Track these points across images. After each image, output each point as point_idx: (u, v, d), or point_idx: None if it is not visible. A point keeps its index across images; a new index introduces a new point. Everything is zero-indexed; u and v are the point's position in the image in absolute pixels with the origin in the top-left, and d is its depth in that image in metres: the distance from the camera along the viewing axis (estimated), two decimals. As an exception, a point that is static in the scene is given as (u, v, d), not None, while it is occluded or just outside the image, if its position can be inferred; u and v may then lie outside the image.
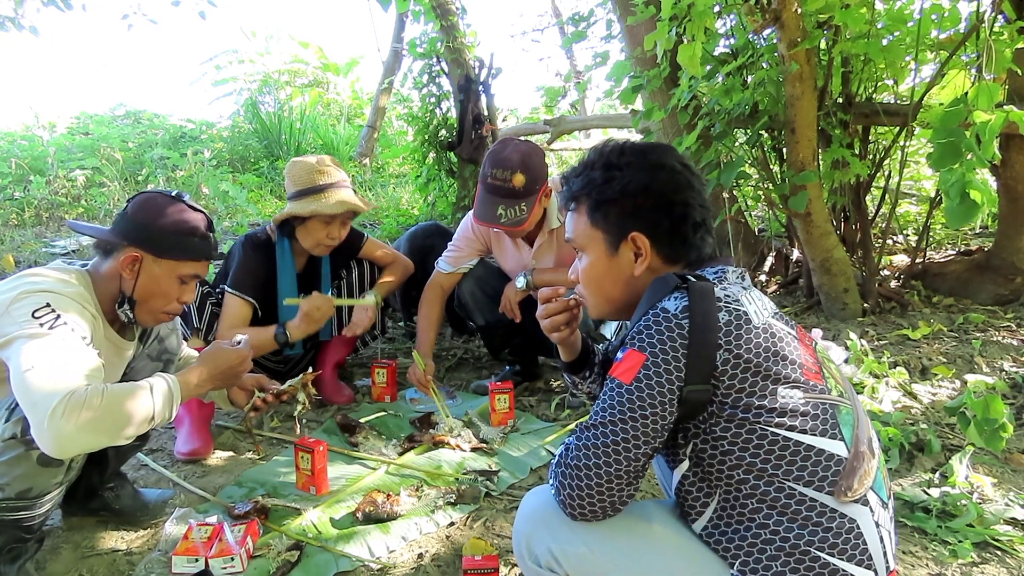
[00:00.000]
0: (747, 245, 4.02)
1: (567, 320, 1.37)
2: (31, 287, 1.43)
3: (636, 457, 1.06)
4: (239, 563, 1.61)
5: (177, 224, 1.62)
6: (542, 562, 1.15)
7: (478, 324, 2.86)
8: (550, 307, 1.36)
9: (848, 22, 2.71)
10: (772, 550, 1.03)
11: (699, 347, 1.05)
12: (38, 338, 1.35)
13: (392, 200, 6.74)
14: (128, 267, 1.59)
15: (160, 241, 1.60)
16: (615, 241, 1.21)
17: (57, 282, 1.48)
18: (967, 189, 2.19)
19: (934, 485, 1.94)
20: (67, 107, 14.20)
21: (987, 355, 2.87)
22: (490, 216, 2.40)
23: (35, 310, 1.39)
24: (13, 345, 1.35)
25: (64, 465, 1.45)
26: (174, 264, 1.62)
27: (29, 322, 1.37)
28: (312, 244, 2.55)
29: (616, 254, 1.21)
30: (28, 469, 1.41)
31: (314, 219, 2.48)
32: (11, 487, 1.41)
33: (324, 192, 2.46)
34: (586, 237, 1.24)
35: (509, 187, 2.35)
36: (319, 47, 10.20)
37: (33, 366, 1.31)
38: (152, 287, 1.61)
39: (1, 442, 1.40)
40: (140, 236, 1.60)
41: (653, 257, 1.20)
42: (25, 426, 1.37)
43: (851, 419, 1.10)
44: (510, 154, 2.37)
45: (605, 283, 1.24)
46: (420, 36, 5.01)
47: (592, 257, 1.24)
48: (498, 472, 2.13)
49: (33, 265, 4.63)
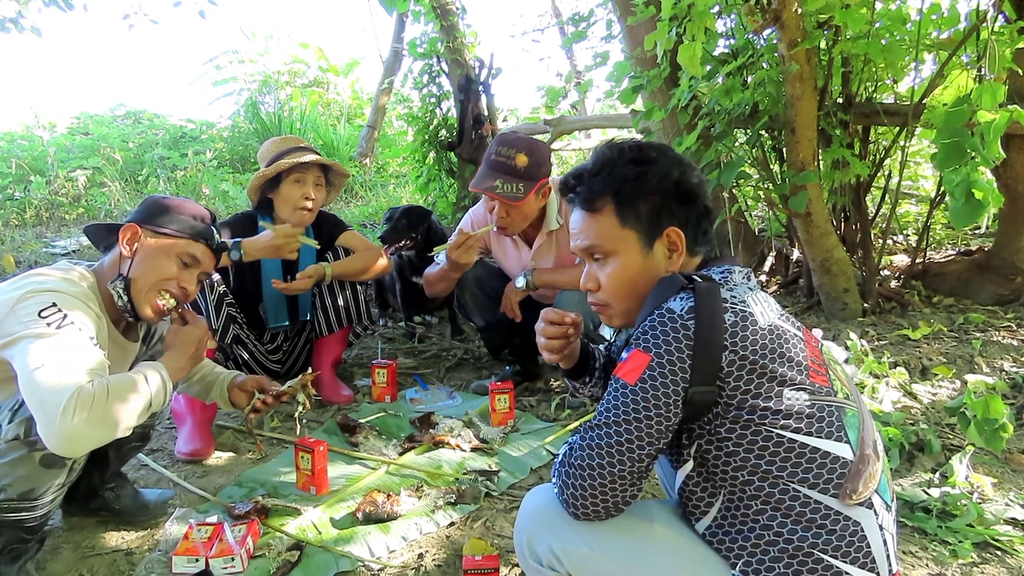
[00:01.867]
0: (747, 245, 4.02)
1: (563, 346, 1.36)
2: (36, 287, 1.43)
3: (640, 458, 1.06)
4: (239, 563, 1.61)
5: (178, 205, 1.67)
6: (544, 561, 1.15)
7: (478, 324, 2.86)
8: (548, 330, 1.33)
9: (848, 22, 2.71)
10: (775, 551, 1.03)
11: (704, 348, 1.04)
12: (45, 337, 1.35)
13: (392, 200, 6.74)
14: (126, 243, 1.61)
15: (159, 216, 1.64)
16: (649, 239, 1.18)
17: (62, 281, 1.49)
18: (972, 189, 2.19)
19: (934, 485, 1.94)
20: (67, 107, 14.20)
21: (987, 355, 2.87)
22: (486, 186, 2.42)
23: (41, 309, 1.39)
24: (19, 344, 1.35)
25: (66, 467, 1.45)
26: (171, 241, 1.63)
27: (35, 321, 1.37)
28: (290, 211, 2.60)
29: (651, 252, 1.18)
30: (31, 470, 1.41)
31: (288, 181, 2.57)
32: (13, 488, 1.41)
33: (290, 154, 2.59)
34: (615, 239, 1.19)
35: (511, 164, 2.40)
36: (319, 47, 10.20)
37: (41, 365, 1.32)
38: (148, 262, 1.60)
39: (4, 443, 1.40)
40: (141, 214, 1.65)
41: (684, 252, 1.19)
42: (29, 427, 1.37)
43: (856, 421, 1.09)
44: (518, 137, 2.49)
45: (639, 284, 1.19)
46: (420, 36, 5.01)
47: (624, 258, 1.19)
48: (498, 472, 2.13)
49: (34, 265, 4.65)
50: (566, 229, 1.26)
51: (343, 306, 2.72)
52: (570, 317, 1.33)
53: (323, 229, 2.77)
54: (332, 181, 2.75)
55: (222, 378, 1.92)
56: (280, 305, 2.72)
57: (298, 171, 2.57)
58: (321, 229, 2.76)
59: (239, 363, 2.68)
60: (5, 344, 1.37)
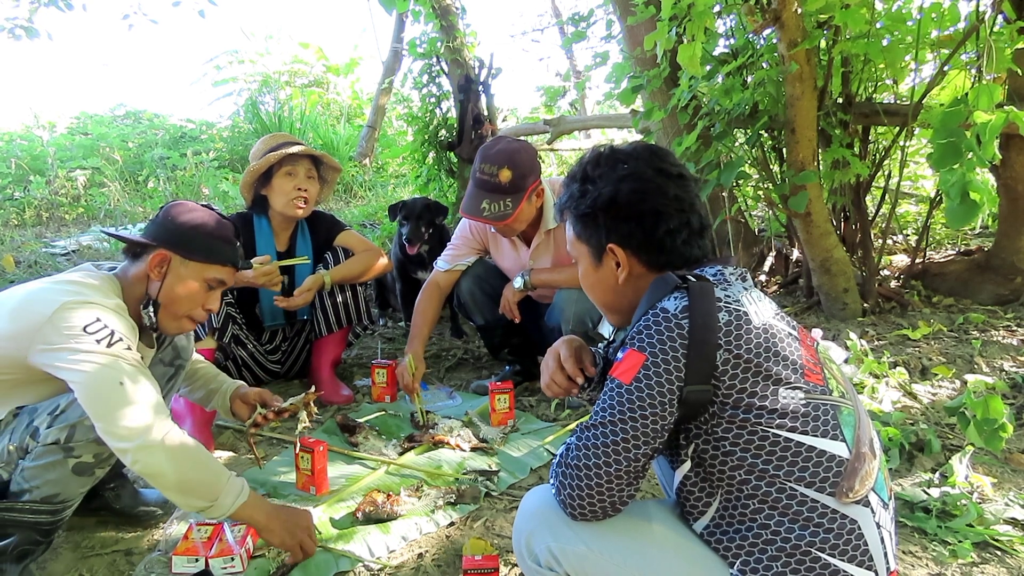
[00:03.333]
0: (747, 245, 4.02)
1: (565, 393, 1.38)
2: (75, 298, 1.44)
3: (636, 457, 1.06)
4: (239, 563, 1.61)
5: (208, 228, 1.64)
6: (542, 561, 1.15)
7: (477, 324, 2.86)
8: (557, 378, 1.35)
9: (848, 22, 2.71)
10: (773, 550, 1.03)
11: (699, 347, 1.05)
12: (100, 354, 1.38)
13: (392, 200, 6.74)
14: (156, 268, 1.60)
15: (190, 242, 1.62)
16: (597, 253, 1.24)
17: (97, 292, 1.50)
18: (968, 189, 2.19)
19: (934, 485, 1.94)
20: (67, 107, 14.21)
21: (987, 355, 2.87)
22: (474, 209, 2.40)
23: (87, 324, 1.40)
24: (65, 356, 1.37)
25: (94, 475, 1.48)
26: (202, 267, 1.63)
27: (81, 336, 1.38)
28: (284, 203, 2.59)
29: (600, 265, 1.24)
30: (62, 475, 1.44)
31: (279, 174, 2.57)
32: (40, 490, 1.44)
33: (279, 149, 2.58)
34: (575, 249, 1.29)
35: (495, 182, 2.36)
36: (319, 47, 10.20)
37: (110, 390, 1.36)
38: (178, 289, 1.62)
39: (41, 446, 1.42)
40: (170, 237, 1.62)
41: (634, 266, 1.21)
42: (71, 434, 1.40)
43: (852, 420, 1.09)
44: (499, 150, 2.39)
45: (597, 291, 1.28)
46: (420, 36, 5.00)
47: (582, 268, 1.28)
48: (498, 472, 2.13)
49: (33, 265, 4.64)
50: (563, 227, 1.27)
51: (343, 306, 2.72)
52: (581, 378, 1.35)
53: (320, 230, 2.76)
54: (324, 176, 2.74)
55: (225, 387, 1.93)
56: (277, 305, 2.71)
57: (288, 163, 2.57)
58: (318, 230, 2.76)
59: (238, 363, 2.68)
60: (44, 351, 1.38)
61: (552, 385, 1.37)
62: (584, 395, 1.47)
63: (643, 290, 1.17)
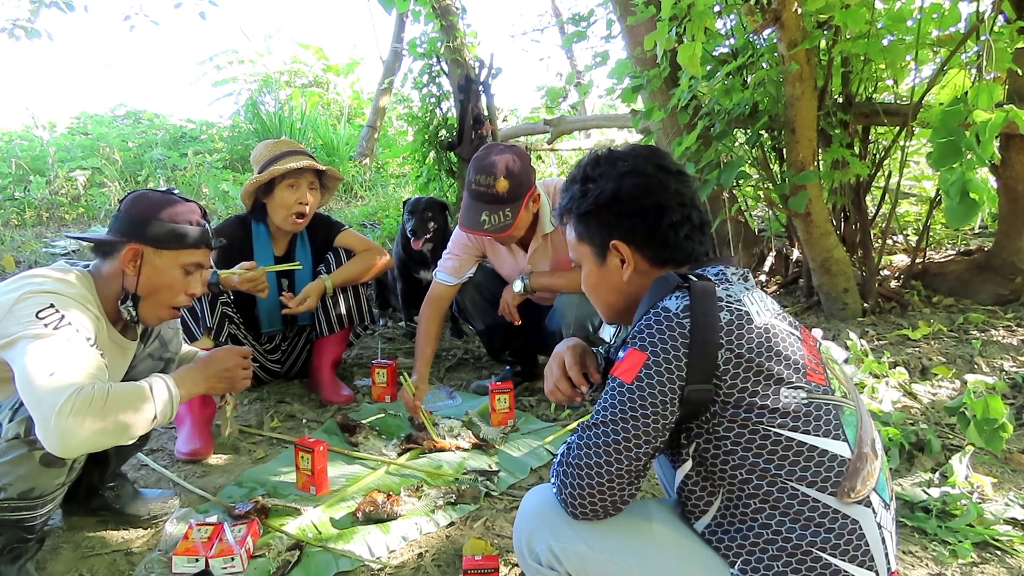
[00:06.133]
0: (747, 245, 4.02)
1: (568, 401, 1.39)
2: (34, 287, 1.43)
3: (637, 456, 1.06)
4: (239, 563, 1.61)
5: (172, 215, 1.63)
6: (543, 560, 1.15)
7: (478, 328, 2.85)
8: (561, 385, 1.36)
9: (848, 22, 2.71)
10: (774, 550, 1.03)
11: (700, 346, 1.05)
12: (43, 338, 1.36)
13: (392, 200, 6.74)
14: (130, 263, 1.59)
15: (158, 233, 1.61)
16: (600, 252, 1.24)
17: (60, 283, 1.49)
18: (967, 188, 2.19)
19: (934, 485, 1.94)
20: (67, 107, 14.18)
21: (987, 355, 2.87)
22: (474, 223, 2.34)
23: (39, 311, 1.39)
24: (18, 345, 1.35)
25: (66, 466, 1.45)
26: (175, 254, 1.63)
27: (33, 322, 1.37)
28: (284, 215, 2.58)
29: (604, 263, 1.24)
30: (31, 469, 1.41)
31: (281, 186, 2.55)
32: (13, 487, 1.41)
33: (283, 159, 2.56)
34: (577, 251, 1.29)
35: (493, 193, 2.30)
36: (319, 48, 10.20)
37: (38, 365, 1.32)
38: (156, 280, 1.61)
39: (4, 442, 1.40)
40: (138, 231, 1.60)
41: (639, 262, 1.21)
42: (29, 426, 1.37)
43: (854, 420, 1.09)
44: (493, 159, 2.32)
45: (601, 291, 1.28)
46: (420, 36, 5.01)
47: (586, 269, 1.29)
48: (498, 472, 2.13)
49: (33, 265, 4.65)
50: (561, 231, 1.26)
51: (344, 307, 2.72)
52: (586, 386, 1.35)
53: (318, 233, 2.75)
54: (326, 184, 2.73)
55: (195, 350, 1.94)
56: (275, 310, 2.71)
57: (292, 176, 2.55)
58: (316, 233, 2.75)
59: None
60: (3, 344, 1.37)
61: (556, 392, 1.37)
62: (586, 398, 1.48)
63: (645, 289, 1.17)
